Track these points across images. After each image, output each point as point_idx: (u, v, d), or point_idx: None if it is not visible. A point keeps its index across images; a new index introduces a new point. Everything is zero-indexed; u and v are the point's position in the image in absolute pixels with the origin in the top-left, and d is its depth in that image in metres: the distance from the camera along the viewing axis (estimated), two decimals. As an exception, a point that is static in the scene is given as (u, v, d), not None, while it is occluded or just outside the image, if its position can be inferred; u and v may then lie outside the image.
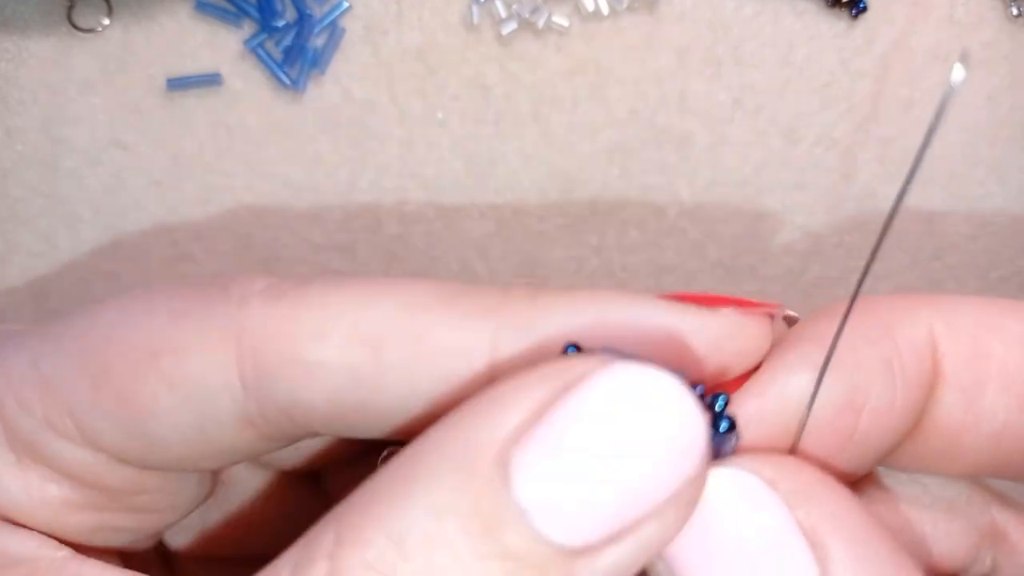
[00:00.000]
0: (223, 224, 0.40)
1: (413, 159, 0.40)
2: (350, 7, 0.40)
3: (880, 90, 0.40)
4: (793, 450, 0.22)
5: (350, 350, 0.22)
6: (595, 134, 0.40)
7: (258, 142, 0.40)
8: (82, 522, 0.25)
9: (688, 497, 0.18)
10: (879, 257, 0.42)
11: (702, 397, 0.20)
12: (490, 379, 0.20)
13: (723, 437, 0.20)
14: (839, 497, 0.20)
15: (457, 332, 0.22)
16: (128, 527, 0.25)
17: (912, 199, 0.41)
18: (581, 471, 0.17)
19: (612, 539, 0.18)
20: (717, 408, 0.20)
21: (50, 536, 0.24)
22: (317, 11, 0.39)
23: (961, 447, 0.23)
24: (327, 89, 0.40)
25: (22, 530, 0.24)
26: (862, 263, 0.42)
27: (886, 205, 0.41)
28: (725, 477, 0.20)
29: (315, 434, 0.24)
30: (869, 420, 0.22)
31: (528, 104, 0.40)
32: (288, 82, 0.39)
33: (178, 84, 0.40)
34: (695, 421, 0.18)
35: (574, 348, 0.20)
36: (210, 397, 0.22)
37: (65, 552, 0.24)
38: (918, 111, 0.40)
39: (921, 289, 0.41)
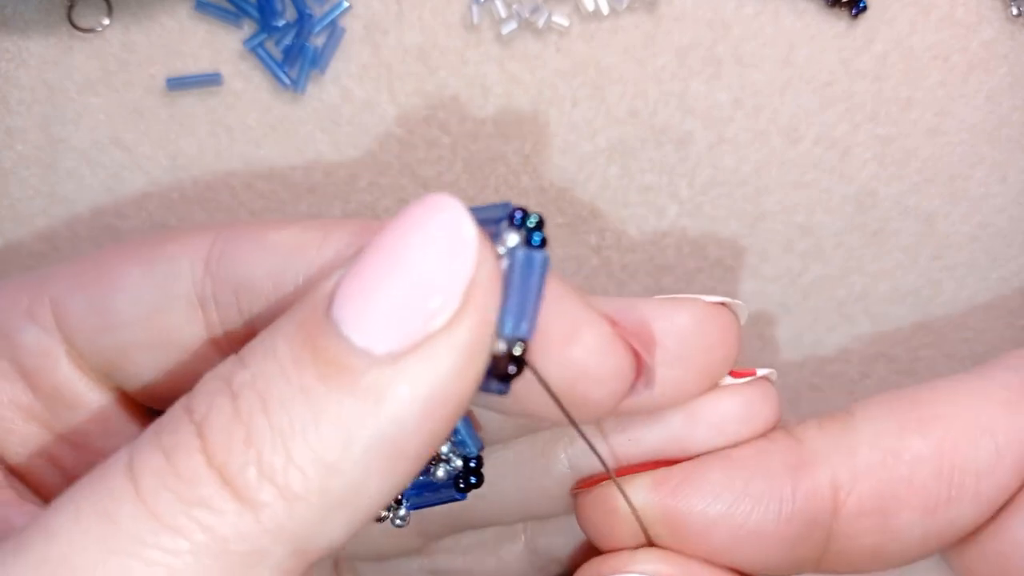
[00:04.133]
0: (223, 224, 0.40)
1: (413, 159, 0.40)
2: (350, 7, 0.40)
3: (880, 90, 0.40)
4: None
5: (304, 233, 0.25)
6: (595, 134, 0.40)
7: (258, 142, 0.40)
8: (25, 436, 0.26)
9: (481, 305, 0.20)
10: (878, 257, 0.42)
11: (514, 217, 0.22)
12: None
13: (536, 252, 0.22)
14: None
15: None
16: (53, 460, 0.27)
17: (912, 199, 0.41)
18: (377, 284, 0.20)
19: (417, 347, 0.20)
20: (530, 224, 0.22)
21: None
22: (317, 11, 0.39)
23: (882, 554, 0.26)
24: (327, 89, 0.40)
25: None
26: (861, 263, 0.42)
27: (886, 205, 0.41)
28: None
29: (246, 326, 0.26)
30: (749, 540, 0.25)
31: (528, 104, 0.40)
32: (288, 82, 0.40)
33: (178, 84, 0.40)
34: (463, 227, 0.20)
35: None
36: (174, 273, 0.25)
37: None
38: (918, 111, 0.40)
39: (920, 288, 0.41)
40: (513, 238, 0.22)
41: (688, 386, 0.25)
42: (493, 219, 0.22)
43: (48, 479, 0.27)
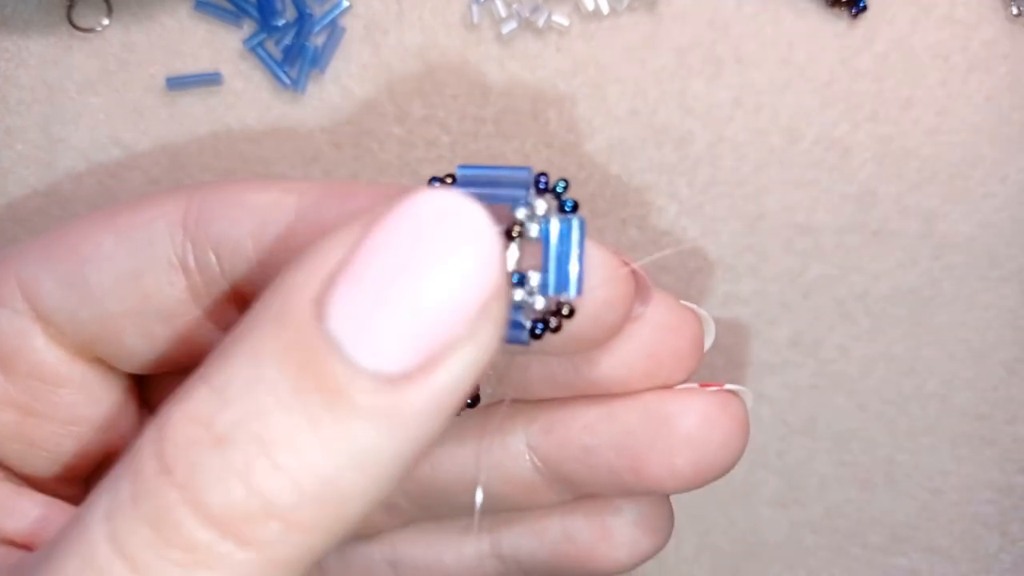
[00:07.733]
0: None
1: (413, 159, 0.40)
2: (350, 6, 0.40)
3: (880, 90, 0.40)
4: None
5: (283, 195, 0.24)
6: (595, 133, 0.40)
7: (258, 142, 0.40)
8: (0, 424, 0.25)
9: (497, 314, 0.18)
10: (878, 256, 0.42)
11: (539, 182, 0.21)
12: None
13: (573, 217, 0.22)
14: None
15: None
16: (35, 444, 0.26)
17: (912, 199, 0.41)
18: (386, 297, 0.17)
19: (432, 363, 0.18)
20: (558, 189, 0.22)
21: None
22: (317, 10, 0.39)
23: None
24: (327, 89, 0.40)
25: None
26: (861, 262, 0.42)
27: (886, 204, 0.41)
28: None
29: (230, 287, 0.25)
30: None
31: (528, 104, 0.40)
32: (288, 82, 0.39)
33: (178, 84, 0.40)
34: (488, 236, 0.18)
35: (437, 180, 0.21)
36: (152, 240, 0.24)
37: None
38: (918, 111, 0.40)
39: (921, 288, 0.41)
40: (542, 205, 0.21)
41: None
42: (513, 184, 0.21)
43: (32, 461, 0.26)
